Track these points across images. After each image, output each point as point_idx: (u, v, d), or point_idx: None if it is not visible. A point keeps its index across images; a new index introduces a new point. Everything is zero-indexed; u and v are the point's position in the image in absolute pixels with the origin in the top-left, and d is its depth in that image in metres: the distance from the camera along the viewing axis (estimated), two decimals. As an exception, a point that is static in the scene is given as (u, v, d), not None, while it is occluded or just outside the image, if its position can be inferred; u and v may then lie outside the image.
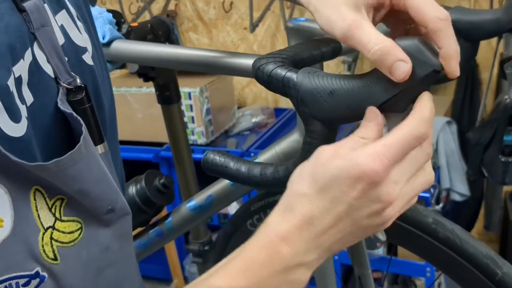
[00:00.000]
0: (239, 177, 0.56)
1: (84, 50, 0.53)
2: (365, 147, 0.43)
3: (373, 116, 0.45)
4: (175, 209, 0.90)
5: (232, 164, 0.56)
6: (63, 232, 0.46)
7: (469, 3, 2.13)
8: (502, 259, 0.70)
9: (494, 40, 1.91)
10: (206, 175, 0.61)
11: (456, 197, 1.99)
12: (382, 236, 0.50)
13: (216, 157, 0.57)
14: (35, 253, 0.44)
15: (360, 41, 0.46)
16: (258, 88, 2.57)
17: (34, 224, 0.44)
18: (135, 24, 0.99)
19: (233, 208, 2.12)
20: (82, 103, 0.49)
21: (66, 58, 0.49)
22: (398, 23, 0.53)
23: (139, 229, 0.94)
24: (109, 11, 0.89)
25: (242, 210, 0.94)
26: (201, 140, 2.12)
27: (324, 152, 0.45)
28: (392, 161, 0.42)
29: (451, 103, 2.14)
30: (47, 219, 0.45)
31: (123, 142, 2.27)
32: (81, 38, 0.53)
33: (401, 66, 0.43)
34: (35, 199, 0.44)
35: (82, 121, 0.47)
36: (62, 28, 0.51)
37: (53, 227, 0.45)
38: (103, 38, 0.83)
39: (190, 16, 2.58)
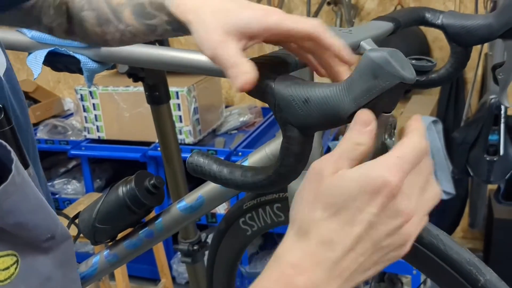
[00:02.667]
0: (220, 179, 0.56)
1: None
2: (379, 160, 0.40)
3: (367, 120, 0.43)
4: (165, 210, 0.90)
5: (214, 166, 0.57)
6: None
7: (454, 4, 2.16)
8: (485, 266, 0.70)
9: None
10: (192, 174, 0.61)
11: (442, 196, 2.02)
12: None
13: (200, 159, 0.58)
14: None
15: (221, 60, 0.48)
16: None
17: None
18: (125, 24, 0.98)
19: (221, 208, 2.12)
20: (1, 125, 0.44)
21: None
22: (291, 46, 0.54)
23: (129, 230, 0.94)
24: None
25: (235, 208, 0.95)
26: (189, 139, 2.12)
27: (324, 168, 0.42)
28: (406, 173, 0.40)
29: (437, 102, 2.17)
30: None
31: (110, 142, 2.27)
32: None
33: (241, 78, 0.46)
34: None
35: (8, 147, 0.41)
36: None
37: None
38: (93, 39, 0.83)
39: (178, 14, 2.57)
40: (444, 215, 2.19)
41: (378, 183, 0.39)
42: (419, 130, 0.43)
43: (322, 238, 0.40)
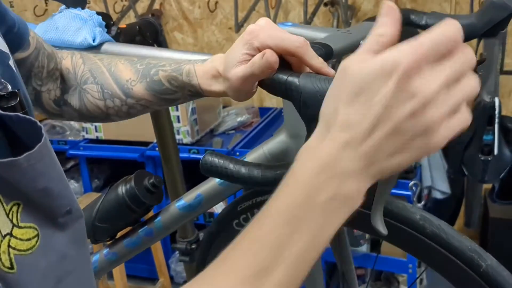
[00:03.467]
0: (239, 178, 0.58)
1: (8, 56, 0.52)
2: (398, 46, 0.40)
3: (390, 11, 0.42)
4: (164, 208, 0.91)
5: (231, 166, 0.58)
6: (21, 239, 0.44)
7: (450, 5, 2.18)
8: (485, 252, 0.72)
9: (474, 41, 1.95)
10: (191, 174, 0.63)
11: (437, 195, 2.04)
12: (383, 230, 0.51)
13: (215, 159, 0.59)
14: None
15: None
16: (243, 87, 2.59)
17: None
18: (124, 26, 1.00)
19: (218, 207, 2.13)
20: (15, 110, 0.46)
21: None
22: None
23: (128, 229, 0.95)
24: (98, 13, 0.90)
25: (229, 209, 0.95)
26: (187, 140, 2.13)
27: (349, 64, 0.42)
28: (426, 55, 0.39)
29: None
30: (5, 226, 0.42)
31: (108, 142, 2.28)
32: (3, 44, 0.52)
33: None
34: None
35: (33, 119, 0.44)
36: None
37: (10, 234, 0.43)
38: (94, 40, 0.84)
39: (175, 15, 2.58)
40: (440, 214, 2.20)
41: (389, 64, 0.39)
42: (449, 21, 0.41)
43: (342, 123, 0.41)
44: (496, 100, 1.74)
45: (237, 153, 2.03)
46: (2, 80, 0.47)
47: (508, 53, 2.13)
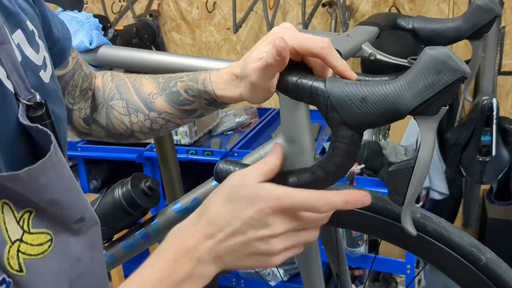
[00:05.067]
0: None
1: (40, 68, 0.54)
2: (271, 185, 0.53)
3: (276, 149, 0.58)
4: (161, 211, 0.91)
5: None
6: (31, 245, 0.47)
7: (448, 6, 2.18)
8: (484, 246, 0.75)
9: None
10: (189, 174, 0.64)
11: (436, 196, 2.04)
12: (413, 230, 0.56)
13: (230, 167, 0.60)
14: (1, 264, 0.44)
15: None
16: (241, 88, 2.59)
17: (1, 237, 0.44)
18: (121, 28, 1.00)
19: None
20: (42, 119, 0.50)
21: (25, 75, 0.50)
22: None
23: (125, 231, 0.95)
24: (95, 16, 0.90)
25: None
26: (185, 140, 2.12)
27: (234, 177, 0.55)
28: (283, 206, 0.51)
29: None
30: (14, 232, 0.45)
31: (106, 143, 2.27)
32: (37, 57, 0.54)
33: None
34: (3, 213, 0.45)
35: (49, 132, 0.48)
36: (18, 46, 0.52)
37: (20, 240, 0.46)
38: (90, 43, 0.84)
39: (173, 16, 2.58)
40: (438, 215, 2.21)
41: (255, 198, 0.51)
42: (330, 196, 0.52)
43: (210, 219, 0.53)
44: (494, 101, 1.74)
45: (235, 154, 2.03)
46: (32, 90, 0.50)
47: (506, 54, 2.13)
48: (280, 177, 0.57)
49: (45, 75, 0.55)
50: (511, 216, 2.09)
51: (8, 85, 0.48)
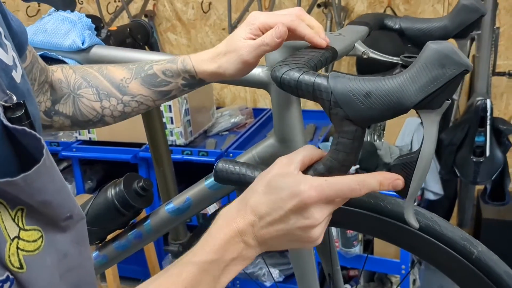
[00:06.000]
0: None
1: (12, 68, 0.54)
2: (309, 177, 0.55)
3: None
4: (154, 212, 0.91)
5: (249, 172, 0.59)
6: (28, 241, 0.48)
7: (443, 6, 2.19)
8: (476, 240, 0.75)
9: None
10: (185, 175, 0.64)
11: (430, 196, 2.04)
12: (415, 223, 0.58)
13: (230, 166, 0.60)
14: (3, 262, 0.45)
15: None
16: (237, 88, 2.59)
17: (1, 235, 0.45)
18: (114, 28, 0.99)
19: (212, 208, 2.13)
20: (21, 120, 0.49)
21: None
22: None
23: (118, 231, 0.95)
24: (88, 16, 0.90)
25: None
26: (180, 141, 2.12)
27: (278, 165, 0.57)
28: (324, 196, 0.53)
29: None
30: (12, 230, 0.46)
31: (101, 143, 2.27)
32: (7, 57, 0.54)
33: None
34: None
35: (38, 135, 0.47)
36: None
37: (18, 237, 0.47)
38: (83, 43, 0.84)
39: (169, 16, 2.58)
40: (433, 215, 2.21)
41: (297, 191, 0.53)
42: (368, 178, 0.54)
43: (253, 207, 0.55)
44: (488, 101, 1.75)
45: (231, 154, 2.03)
46: (8, 91, 0.49)
47: (500, 54, 2.13)
48: None
49: (17, 75, 0.55)
50: (505, 216, 2.10)
51: None
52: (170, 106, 2.08)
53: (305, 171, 0.58)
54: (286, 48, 0.73)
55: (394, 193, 0.58)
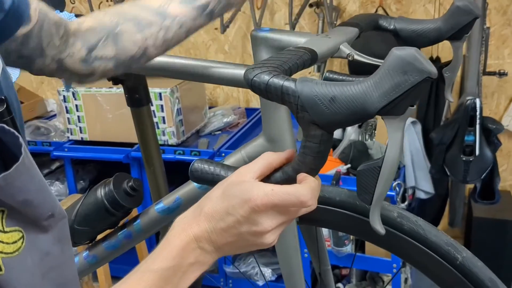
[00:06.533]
0: None
1: None
2: (261, 184, 0.56)
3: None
4: (144, 211, 0.91)
5: (223, 172, 0.60)
6: (7, 243, 0.47)
7: (434, 6, 2.20)
8: (461, 245, 0.75)
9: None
10: (177, 175, 0.64)
11: (421, 195, 2.06)
12: (381, 229, 0.58)
13: (205, 166, 0.60)
14: None
15: None
16: (229, 88, 2.59)
17: None
18: (104, 28, 0.99)
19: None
20: (2, 116, 0.49)
21: None
22: None
23: (108, 231, 0.95)
24: (77, 16, 0.89)
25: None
26: (172, 140, 2.12)
27: (236, 173, 0.58)
28: (272, 204, 0.54)
29: (417, 103, 2.20)
30: None
31: (93, 143, 2.27)
32: None
33: None
34: None
35: (16, 133, 0.47)
36: None
37: None
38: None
39: (161, 16, 2.57)
40: (424, 214, 2.22)
41: (247, 198, 0.54)
42: (311, 183, 0.55)
43: (208, 213, 0.56)
44: (477, 101, 1.76)
45: (223, 154, 2.03)
46: None
47: (491, 54, 2.15)
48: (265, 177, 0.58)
49: None
50: (496, 215, 2.11)
51: None
52: (162, 105, 2.08)
53: (271, 175, 0.58)
54: (273, 49, 0.73)
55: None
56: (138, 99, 1.14)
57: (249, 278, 2.13)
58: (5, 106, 0.49)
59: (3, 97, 0.49)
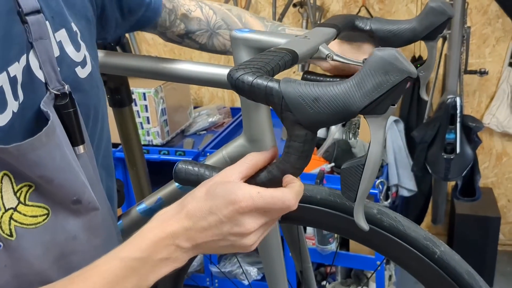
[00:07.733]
0: None
1: (78, 64, 0.62)
2: (247, 186, 0.55)
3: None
4: (126, 212, 0.92)
5: (207, 173, 0.60)
6: (25, 215, 0.54)
7: (416, 6, 2.22)
8: (439, 240, 0.78)
9: (440, 40, 2.00)
10: (162, 175, 0.65)
11: (404, 193, 2.08)
12: (365, 225, 0.58)
13: (189, 167, 0.61)
14: None
15: None
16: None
17: None
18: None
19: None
20: (66, 107, 0.58)
21: (59, 69, 0.58)
22: None
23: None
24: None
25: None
26: (157, 141, 2.12)
27: (221, 173, 0.58)
28: (256, 206, 0.54)
29: (400, 102, 2.23)
30: (10, 201, 0.53)
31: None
32: (77, 54, 0.62)
33: None
34: (1, 183, 0.53)
35: (51, 117, 0.55)
36: (59, 43, 0.60)
37: (14, 209, 0.53)
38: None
39: (145, 15, 2.56)
40: (407, 212, 2.25)
41: (232, 199, 0.54)
42: (295, 188, 0.55)
43: (189, 211, 0.56)
44: (458, 100, 1.78)
45: (208, 154, 2.02)
46: (63, 82, 0.58)
47: (472, 53, 2.18)
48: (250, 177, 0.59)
49: (82, 72, 0.62)
50: (478, 211, 2.15)
51: (39, 74, 0.57)
52: (146, 106, 2.07)
53: (256, 175, 0.58)
54: (253, 49, 0.74)
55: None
56: (120, 99, 1.15)
57: (235, 277, 2.14)
58: (68, 99, 0.58)
59: (67, 92, 0.58)
